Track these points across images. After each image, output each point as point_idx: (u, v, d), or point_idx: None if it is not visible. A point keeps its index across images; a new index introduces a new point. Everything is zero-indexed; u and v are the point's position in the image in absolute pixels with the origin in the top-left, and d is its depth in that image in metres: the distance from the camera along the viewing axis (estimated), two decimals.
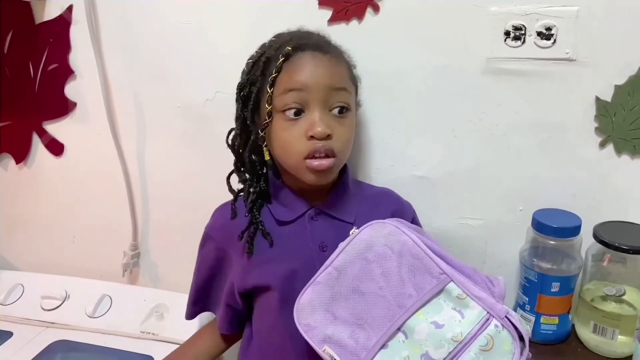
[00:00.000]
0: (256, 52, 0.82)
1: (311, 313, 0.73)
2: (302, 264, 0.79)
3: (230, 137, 0.85)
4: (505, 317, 0.68)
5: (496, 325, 0.68)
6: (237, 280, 0.83)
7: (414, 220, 0.91)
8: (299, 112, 0.77)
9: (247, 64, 0.82)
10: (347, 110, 0.79)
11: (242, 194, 0.85)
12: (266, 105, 0.77)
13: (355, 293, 0.72)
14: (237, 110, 0.82)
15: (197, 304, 0.93)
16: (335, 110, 0.78)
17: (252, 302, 0.85)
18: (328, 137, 0.76)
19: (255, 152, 0.83)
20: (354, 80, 0.85)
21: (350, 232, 0.75)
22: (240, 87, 0.81)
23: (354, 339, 0.71)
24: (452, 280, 0.70)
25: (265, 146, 0.81)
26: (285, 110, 0.77)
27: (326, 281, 0.73)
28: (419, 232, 0.75)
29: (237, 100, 0.82)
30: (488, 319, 0.68)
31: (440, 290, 0.70)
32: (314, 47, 0.78)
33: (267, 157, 0.81)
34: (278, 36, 0.83)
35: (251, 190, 0.84)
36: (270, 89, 0.77)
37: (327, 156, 0.77)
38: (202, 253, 0.90)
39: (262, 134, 0.80)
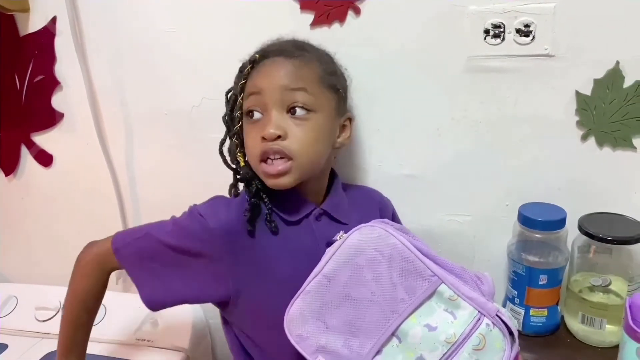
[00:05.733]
0: None
1: (302, 324, 0.72)
2: (311, 263, 0.76)
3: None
4: (496, 315, 0.69)
5: (487, 324, 0.68)
6: (241, 284, 0.80)
7: (394, 216, 0.93)
8: (259, 115, 0.78)
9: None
10: (309, 111, 0.78)
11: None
12: (237, 111, 0.80)
13: (347, 300, 0.72)
14: (222, 116, 0.84)
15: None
16: (295, 112, 0.77)
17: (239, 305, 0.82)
18: (279, 138, 0.75)
19: (235, 160, 0.83)
20: (331, 84, 0.82)
21: (338, 237, 0.74)
22: (227, 92, 0.84)
23: (348, 347, 0.70)
24: (443, 282, 0.70)
25: (240, 151, 0.82)
26: (248, 114, 0.79)
27: (316, 290, 0.72)
28: (406, 233, 0.75)
29: (225, 106, 0.84)
30: (480, 319, 0.69)
31: (432, 293, 0.70)
32: (278, 53, 0.79)
33: (242, 163, 0.81)
34: (262, 44, 0.85)
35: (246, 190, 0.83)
36: (240, 95, 0.79)
37: (282, 158, 0.76)
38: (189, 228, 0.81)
39: (234, 140, 0.81)
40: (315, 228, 0.82)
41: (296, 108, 0.77)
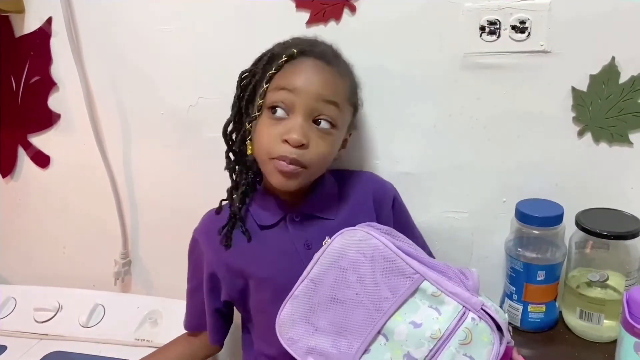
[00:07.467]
0: (267, 49, 0.83)
1: (292, 327, 0.74)
2: (290, 265, 0.79)
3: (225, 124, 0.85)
4: (482, 309, 0.69)
5: (473, 318, 0.69)
6: (226, 287, 0.84)
7: (396, 200, 0.91)
8: (282, 113, 0.77)
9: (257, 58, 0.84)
10: (333, 126, 0.78)
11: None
12: (258, 99, 0.78)
13: (334, 302, 0.73)
14: (234, 97, 0.84)
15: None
16: (319, 124, 0.77)
17: (244, 305, 0.86)
18: (302, 146, 0.75)
19: (243, 145, 0.83)
20: (354, 101, 0.83)
21: (323, 243, 0.75)
22: (242, 75, 0.83)
23: (337, 347, 0.71)
24: (425, 279, 0.71)
25: (250, 140, 0.81)
26: (271, 107, 0.77)
27: (304, 294, 0.74)
28: (390, 234, 0.76)
29: (236, 87, 0.83)
30: (464, 313, 0.69)
31: (415, 290, 0.71)
32: (320, 56, 0.78)
33: (249, 152, 0.81)
34: (294, 39, 0.84)
35: (237, 180, 0.85)
36: (266, 85, 0.78)
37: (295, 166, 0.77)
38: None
39: (248, 127, 0.80)
40: (291, 229, 0.83)
41: (321, 120, 0.77)
